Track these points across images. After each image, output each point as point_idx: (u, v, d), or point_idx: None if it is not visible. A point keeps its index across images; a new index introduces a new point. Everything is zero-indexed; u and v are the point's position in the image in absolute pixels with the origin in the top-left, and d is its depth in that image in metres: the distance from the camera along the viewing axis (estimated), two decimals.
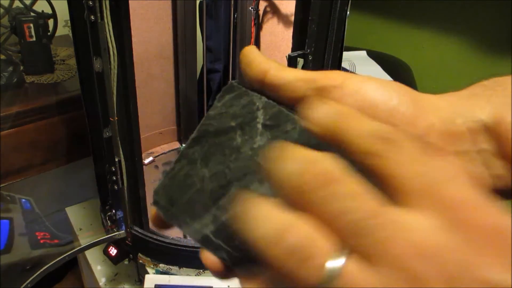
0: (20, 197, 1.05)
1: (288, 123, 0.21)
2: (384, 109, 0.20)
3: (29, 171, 0.96)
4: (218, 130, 0.22)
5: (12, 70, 0.98)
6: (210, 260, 0.21)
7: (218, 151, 0.21)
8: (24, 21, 0.96)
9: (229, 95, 0.22)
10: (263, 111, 0.21)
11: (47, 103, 0.95)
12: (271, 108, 0.21)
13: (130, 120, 0.62)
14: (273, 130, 0.21)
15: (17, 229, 1.01)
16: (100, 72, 0.57)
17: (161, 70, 0.94)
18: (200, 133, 0.22)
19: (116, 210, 0.73)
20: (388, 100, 0.20)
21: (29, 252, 0.99)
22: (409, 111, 0.20)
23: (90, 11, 0.53)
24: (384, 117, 0.20)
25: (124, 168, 0.66)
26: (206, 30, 0.91)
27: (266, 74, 0.22)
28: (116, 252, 0.77)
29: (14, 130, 0.90)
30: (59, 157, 0.99)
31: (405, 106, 0.20)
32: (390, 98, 0.20)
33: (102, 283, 0.86)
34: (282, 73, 0.22)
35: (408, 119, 0.20)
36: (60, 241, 1.05)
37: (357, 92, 0.20)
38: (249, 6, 0.82)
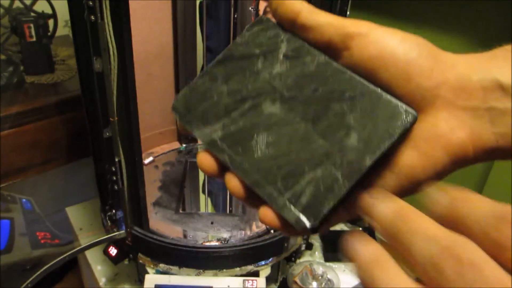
0: (21, 197, 1.05)
1: (308, 56, 0.23)
2: (402, 60, 0.21)
3: (29, 171, 0.96)
4: (242, 55, 0.24)
5: (12, 70, 0.98)
6: (207, 160, 0.24)
7: (239, 72, 0.24)
8: (24, 21, 0.96)
9: (258, 27, 0.25)
10: (287, 43, 0.24)
11: (47, 103, 0.95)
12: (295, 42, 0.23)
13: (130, 120, 0.62)
14: (293, 60, 0.23)
15: (17, 229, 1.01)
16: (100, 72, 0.57)
17: (161, 70, 0.94)
18: (225, 56, 0.25)
19: (116, 210, 0.73)
20: (408, 52, 0.21)
21: (29, 252, 0.99)
22: (426, 64, 0.21)
23: (90, 11, 0.53)
24: (402, 67, 0.21)
25: (124, 168, 0.66)
26: (206, 30, 0.91)
27: (299, 15, 0.23)
28: (116, 252, 0.77)
29: (14, 130, 0.90)
30: (60, 157, 0.99)
31: (423, 59, 0.21)
32: (410, 50, 0.21)
33: (102, 283, 0.86)
34: (315, 15, 0.23)
35: (423, 72, 0.21)
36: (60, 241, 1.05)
37: (380, 41, 0.21)
38: (249, 6, 0.82)
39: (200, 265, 0.74)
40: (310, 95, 0.22)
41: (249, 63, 0.24)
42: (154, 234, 0.74)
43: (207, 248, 0.74)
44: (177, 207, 0.86)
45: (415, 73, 0.21)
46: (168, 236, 0.76)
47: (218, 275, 0.74)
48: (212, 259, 0.73)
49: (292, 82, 0.23)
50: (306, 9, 0.23)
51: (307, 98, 0.22)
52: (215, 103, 0.24)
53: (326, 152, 0.21)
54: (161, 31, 0.90)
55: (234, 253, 0.73)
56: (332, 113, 0.22)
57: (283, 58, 0.23)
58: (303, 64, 0.23)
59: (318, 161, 0.21)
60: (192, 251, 0.72)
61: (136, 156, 0.66)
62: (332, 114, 0.22)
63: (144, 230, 0.73)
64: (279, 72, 0.23)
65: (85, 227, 0.96)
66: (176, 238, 0.77)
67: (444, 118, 0.21)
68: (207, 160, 0.24)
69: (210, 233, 0.80)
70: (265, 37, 0.24)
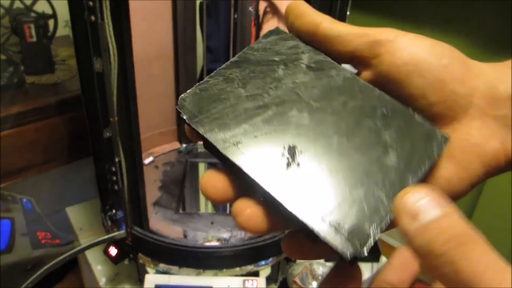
0: (21, 197, 1.05)
1: (333, 69, 0.22)
2: (436, 65, 0.20)
3: (29, 171, 0.96)
4: (260, 61, 0.23)
5: (13, 71, 0.99)
6: (218, 182, 0.20)
7: (258, 77, 0.23)
8: (24, 22, 0.96)
9: (275, 36, 0.24)
10: (308, 55, 0.23)
11: (48, 103, 0.95)
12: (317, 55, 0.23)
13: (130, 120, 0.63)
14: (317, 72, 0.22)
15: (18, 229, 1.01)
16: (100, 72, 0.57)
17: (161, 70, 0.94)
18: (241, 58, 0.24)
19: (116, 210, 0.73)
20: (441, 57, 0.21)
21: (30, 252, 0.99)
22: (458, 71, 0.21)
23: (90, 11, 0.53)
24: (436, 73, 0.20)
25: (124, 168, 0.66)
26: (206, 30, 0.91)
27: (319, 26, 0.22)
28: (117, 252, 0.77)
29: (14, 130, 0.91)
30: (60, 157, 1.00)
31: (455, 65, 0.21)
32: (442, 56, 0.21)
33: (102, 283, 0.86)
34: (336, 25, 0.22)
35: (457, 78, 0.20)
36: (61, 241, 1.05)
37: (410, 46, 0.21)
38: (249, 6, 0.82)
39: (200, 265, 0.74)
40: (340, 108, 0.21)
41: (268, 69, 0.23)
42: (154, 234, 0.74)
43: (207, 248, 0.74)
44: (177, 207, 0.86)
45: (449, 79, 0.20)
46: (168, 236, 0.76)
47: (218, 275, 0.74)
48: (212, 259, 0.73)
49: (319, 93, 0.22)
50: (327, 19, 0.22)
51: (337, 111, 0.21)
52: (232, 106, 0.22)
53: (366, 170, 0.20)
54: (161, 31, 0.90)
55: (234, 253, 0.73)
56: (366, 129, 0.21)
57: (306, 69, 0.22)
58: (328, 76, 0.22)
59: (359, 180, 0.19)
60: (192, 251, 0.72)
61: (136, 156, 0.66)
62: (366, 129, 0.21)
63: (144, 230, 0.74)
64: (303, 82, 0.22)
65: (85, 227, 0.96)
66: (176, 238, 0.77)
67: (477, 127, 0.20)
68: (218, 181, 0.20)
69: (210, 233, 0.80)
70: (283, 46, 0.23)
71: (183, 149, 1.04)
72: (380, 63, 0.21)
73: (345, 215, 0.19)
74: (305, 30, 0.23)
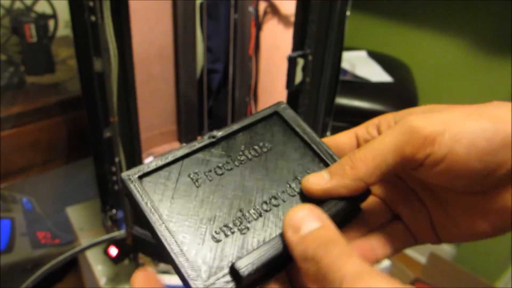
0: (22, 197, 1.05)
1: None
2: (488, 150, 0.21)
3: (30, 171, 0.97)
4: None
5: (13, 71, 0.99)
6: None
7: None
8: (25, 22, 0.96)
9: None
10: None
11: (48, 103, 0.95)
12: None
13: (130, 120, 0.63)
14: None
15: (18, 229, 1.01)
16: (100, 72, 0.57)
17: (161, 70, 0.94)
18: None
19: (117, 210, 0.73)
20: (491, 142, 0.21)
21: (30, 252, 0.99)
22: (504, 154, 0.21)
23: (90, 11, 0.53)
24: (490, 157, 0.21)
25: (124, 168, 0.66)
26: (206, 30, 0.91)
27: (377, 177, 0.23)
28: (117, 252, 0.77)
29: (15, 130, 0.91)
30: (60, 157, 1.00)
31: (502, 149, 0.21)
32: (494, 135, 0.21)
33: (102, 283, 0.86)
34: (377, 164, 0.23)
35: (504, 161, 0.21)
36: (61, 241, 1.05)
37: (464, 133, 0.21)
38: (249, 6, 0.82)
39: None
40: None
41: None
42: None
43: None
44: None
45: (502, 162, 0.21)
46: None
47: None
48: None
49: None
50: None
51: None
52: None
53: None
54: (161, 32, 0.90)
55: None
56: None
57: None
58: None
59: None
60: None
61: (136, 156, 0.66)
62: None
63: (144, 230, 0.74)
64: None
65: (86, 227, 0.96)
66: None
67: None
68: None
69: None
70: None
71: None
72: (436, 162, 0.22)
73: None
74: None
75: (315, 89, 0.68)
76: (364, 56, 1.22)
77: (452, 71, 1.30)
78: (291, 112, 0.28)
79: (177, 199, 0.24)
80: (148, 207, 0.23)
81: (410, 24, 1.35)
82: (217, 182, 0.25)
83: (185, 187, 0.24)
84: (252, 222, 0.23)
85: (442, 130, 0.21)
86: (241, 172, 0.25)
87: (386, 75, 1.12)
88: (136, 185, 0.24)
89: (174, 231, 0.22)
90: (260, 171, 0.25)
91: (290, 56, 0.63)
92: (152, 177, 0.24)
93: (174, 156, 0.25)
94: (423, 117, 0.22)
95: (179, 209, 0.23)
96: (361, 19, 1.44)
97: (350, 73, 1.12)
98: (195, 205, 0.23)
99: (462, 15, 1.25)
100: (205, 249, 0.22)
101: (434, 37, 1.30)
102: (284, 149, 0.27)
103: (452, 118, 0.22)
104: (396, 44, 1.38)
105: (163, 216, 0.23)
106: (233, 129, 0.27)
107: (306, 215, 0.20)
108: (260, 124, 0.28)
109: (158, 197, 0.24)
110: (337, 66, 0.66)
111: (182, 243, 0.22)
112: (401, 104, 1.03)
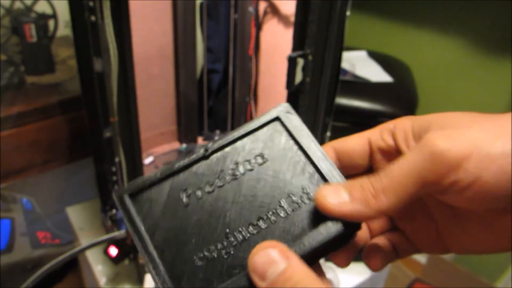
0: (21, 197, 1.05)
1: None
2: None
3: (30, 171, 0.97)
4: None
5: (13, 71, 0.99)
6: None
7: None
8: (25, 22, 0.96)
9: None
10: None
11: (48, 103, 0.95)
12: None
13: (130, 120, 0.63)
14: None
15: (18, 229, 1.01)
16: (100, 72, 0.57)
17: (161, 70, 0.94)
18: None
19: (117, 210, 0.73)
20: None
21: (30, 252, 0.99)
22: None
23: (90, 11, 0.53)
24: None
25: (124, 168, 0.66)
26: (206, 30, 0.92)
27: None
28: (117, 252, 0.77)
29: (15, 130, 0.91)
30: (60, 157, 1.00)
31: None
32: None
33: (102, 283, 0.86)
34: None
35: None
36: (61, 241, 1.05)
37: (494, 154, 0.19)
38: (249, 6, 0.82)
39: None
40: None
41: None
42: None
43: None
44: None
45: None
46: None
47: None
48: None
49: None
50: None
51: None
52: None
53: None
54: (161, 32, 0.90)
55: None
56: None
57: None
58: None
59: None
60: None
61: (136, 156, 0.66)
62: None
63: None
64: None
65: (86, 227, 0.96)
66: None
67: None
68: None
69: None
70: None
71: (183, 149, 1.04)
72: (473, 182, 0.20)
73: None
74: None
75: (315, 89, 0.68)
76: (364, 56, 1.22)
77: (452, 71, 1.30)
78: (295, 117, 0.26)
79: (164, 218, 0.24)
80: (134, 227, 0.23)
81: (410, 24, 1.35)
82: (205, 200, 0.24)
83: (173, 205, 0.24)
84: (236, 246, 0.22)
85: (469, 153, 0.19)
86: (231, 189, 0.24)
87: (386, 75, 1.12)
88: (125, 204, 0.24)
89: (158, 251, 0.22)
90: (251, 188, 0.24)
91: (290, 56, 0.63)
92: (143, 194, 0.24)
93: (166, 172, 0.25)
94: (446, 137, 0.20)
95: (166, 229, 0.23)
96: (361, 19, 1.44)
97: (350, 73, 1.12)
98: (182, 225, 0.23)
99: (462, 15, 1.24)
100: (188, 271, 0.22)
101: (434, 37, 1.30)
102: (281, 162, 0.25)
103: (479, 138, 0.19)
104: (396, 44, 1.38)
105: (148, 237, 0.23)
106: (228, 140, 0.25)
107: (270, 260, 0.20)
108: (258, 132, 0.26)
109: (145, 216, 0.24)
110: (337, 66, 0.66)
111: (165, 263, 0.22)
112: (401, 104, 1.03)
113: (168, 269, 0.22)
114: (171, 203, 0.24)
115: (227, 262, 0.22)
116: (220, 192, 0.24)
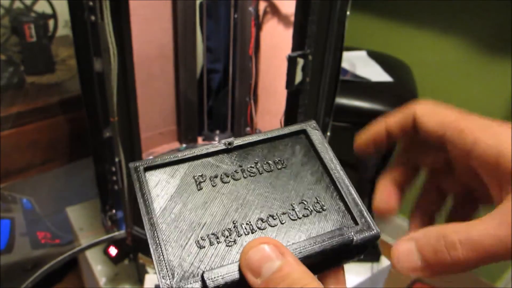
0: (21, 197, 1.05)
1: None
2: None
3: (30, 171, 0.97)
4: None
5: (13, 71, 0.99)
6: None
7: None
8: (24, 22, 0.96)
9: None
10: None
11: (48, 103, 0.95)
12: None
13: (130, 120, 0.63)
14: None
15: (18, 229, 1.01)
16: (100, 72, 0.57)
17: (161, 70, 0.94)
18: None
19: (116, 210, 0.73)
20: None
21: (30, 252, 0.99)
22: None
23: (90, 11, 0.53)
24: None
25: (124, 168, 0.66)
26: (206, 30, 0.91)
27: None
28: (117, 252, 0.77)
29: (15, 130, 0.91)
30: (60, 157, 1.00)
31: None
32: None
33: (102, 283, 0.86)
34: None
35: None
36: (60, 241, 1.05)
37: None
38: (249, 6, 0.82)
39: None
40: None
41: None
42: None
43: None
44: None
45: None
46: None
47: None
48: None
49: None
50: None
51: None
52: None
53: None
54: (161, 31, 0.90)
55: None
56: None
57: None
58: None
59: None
60: None
61: (136, 156, 0.66)
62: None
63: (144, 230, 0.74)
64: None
65: (85, 227, 0.96)
66: None
67: None
68: None
69: None
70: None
71: (183, 149, 1.04)
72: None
73: None
74: None
75: (315, 89, 0.68)
76: (364, 56, 1.22)
77: (452, 71, 1.30)
78: (320, 134, 0.27)
79: (175, 197, 0.24)
80: (144, 199, 0.23)
81: (410, 24, 1.35)
82: (219, 189, 0.24)
83: (186, 188, 0.24)
84: (241, 236, 0.22)
85: None
86: (247, 184, 0.25)
87: (386, 75, 1.12)
88: (140, 175, 0.24)
89: (161, 228, 0.22)
90: (267, 187, 0.25)
91: (290, 56, 0.63)
92: (158, 171, 0.25)
93: (184, 156, 0.25)
94: None
95: (174, 208, 0.23)
96: (361, 19, 1.44)
97: (350, 73, 1.12)
98: (191, 208, 0.23)
99: (462, 15, 1.24)
100: (185, 252, 0.22)
101: (434, 37, 1.30)
102: (300, 170, 0.26)
103: None
104: (396, 44, 1.38)
105: (156, 211, 0.23)
106: (253, 139, 0.26)
107: (265, 256, 0.19)
108: (283, 140, 0.27)
109: (157, 192, 0.24)
110: (337, 66, 0.66)
111: (164, 241, 0.22)
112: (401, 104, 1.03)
113: (163, 249, 0.22)
114: (184, 185, 0.24)
115: (230, 249, 0.22)
116: (236, 185, 0.24)
